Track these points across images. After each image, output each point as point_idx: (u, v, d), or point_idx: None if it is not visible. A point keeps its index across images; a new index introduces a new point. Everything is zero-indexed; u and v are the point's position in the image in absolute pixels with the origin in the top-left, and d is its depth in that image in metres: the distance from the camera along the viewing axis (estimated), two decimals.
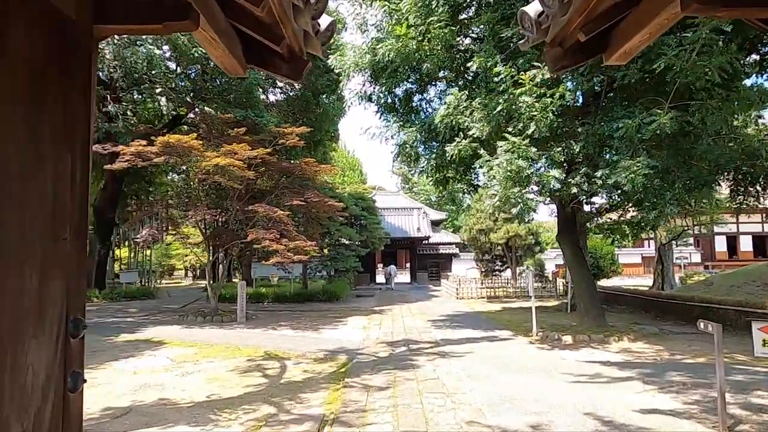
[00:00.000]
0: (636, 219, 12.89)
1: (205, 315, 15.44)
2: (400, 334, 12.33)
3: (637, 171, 7.83)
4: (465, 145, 10.08)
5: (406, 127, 11.64)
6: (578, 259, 11.21)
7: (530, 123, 8.90)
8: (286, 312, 18.05)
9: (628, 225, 13.19)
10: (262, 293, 22.44)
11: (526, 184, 8.86)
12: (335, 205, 16.20)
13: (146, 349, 10.78)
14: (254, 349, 10.47)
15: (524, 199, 8.74)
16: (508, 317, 15.51)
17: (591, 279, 11.13)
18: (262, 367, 8.85)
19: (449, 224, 56.03)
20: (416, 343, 10.84)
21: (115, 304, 21.76)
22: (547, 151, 9.04)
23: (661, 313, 14.34)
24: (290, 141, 15.46)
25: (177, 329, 13.70)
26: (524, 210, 8.75)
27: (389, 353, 9.65)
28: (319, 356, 9.68)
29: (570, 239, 11.34)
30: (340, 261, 24.48)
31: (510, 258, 28.85)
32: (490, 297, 23.17)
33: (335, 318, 16.09)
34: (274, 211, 13.76)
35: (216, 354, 10.11)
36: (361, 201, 27.34)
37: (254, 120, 16.66)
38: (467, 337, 11.45)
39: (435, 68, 11.35)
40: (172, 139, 12.77)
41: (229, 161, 12.99)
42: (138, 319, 16.27)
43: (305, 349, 10.43)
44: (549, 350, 9.53)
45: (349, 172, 60.97)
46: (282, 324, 14.47)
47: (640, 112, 8.32)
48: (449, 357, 9.07)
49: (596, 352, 9.11)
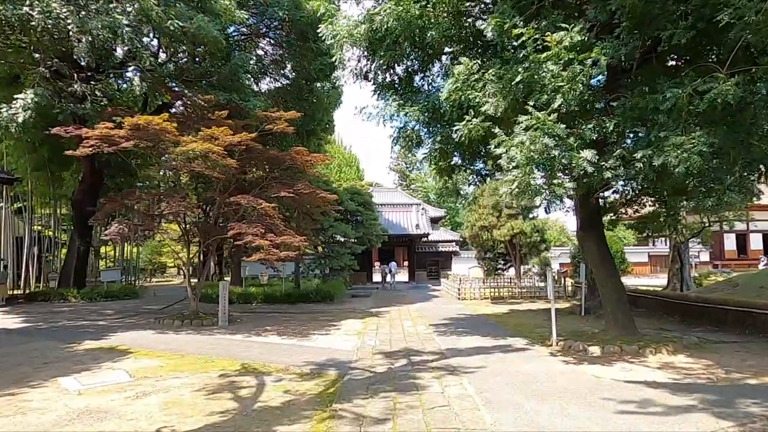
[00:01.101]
0: (677, 208, 11.50)
1: (183, 318, 13.96)
2: (399, 341, 10.89)
3: (692, 149, 6.39)
4: (476, 124, 8.61)
5: (406, 107, 10.16)
6: (605, 257, 9.77)
7: (556, 96, 7.47)
8: (275, 314, 16.60)
9: (666, 217, 11.75)
10: (252, 293, 20.98)
11: (552, 168, 7.40)
12: (328, 197, 14.72)
13: (107, 360, 9.31)
14: (230, 361, 9.00)
15: (550, 186, 7.29)
16: (518, 321, 14.09)
17: (620, 280, 9.73)
18: (235, 385, 7.39)
19: (448, 222, 54.69)
20: (418, 353, 9.39)
21: (92, 305, 20.30)
22: (577, 129, 7.59)
23: (688, 318, 12.94)
24: (278, 126, 13.97)
25: (149, 335, 12.23)
26: (550, 199, 7.32)
27: (387, 368, 8.19)
28: (304, 371, 8.22)
29: (595, 235, 9.90)
30: (334, 259, 23.03)
31: (514, 256, 27.40)
32: (493, 298, 21.75)
33: (328, 321, 14.65)
34: (259, 203, 12.29)
35: (185, 367, 8.65)
36: (357, 196, 25.88)
37: (239, 104, 15.14)
38: (476, 347, 10.01)
39: (440, 38, 9.87)
40: (141, 120, 11.26)
41: (207, 146, 11.50)
42: (111, 322, 14.80)
43: (290, 360, 8.97)
44: (576, 365, 8.09)
45: (346, 169, 59.54)
46: (268, 329, 13.01)
47: (690, 80, 6.89)
48: (459, 373, 7.63)
49: (634, 369, 7.67)
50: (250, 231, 11.86)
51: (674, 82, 7.16)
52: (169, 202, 11.72)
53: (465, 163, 11.80)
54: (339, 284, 24.12)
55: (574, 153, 7.33)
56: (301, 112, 20.44)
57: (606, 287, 9.68)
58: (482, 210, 27.16)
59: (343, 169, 58.47)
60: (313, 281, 24.95)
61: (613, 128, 7.72)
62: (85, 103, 14.12)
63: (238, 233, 11.81)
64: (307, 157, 15.21)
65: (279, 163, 15.16)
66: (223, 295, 13.56)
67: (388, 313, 16.60)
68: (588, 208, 9.97)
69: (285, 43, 20.11)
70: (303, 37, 18.37)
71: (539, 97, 7.73)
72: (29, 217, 24.96)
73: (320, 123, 23.04)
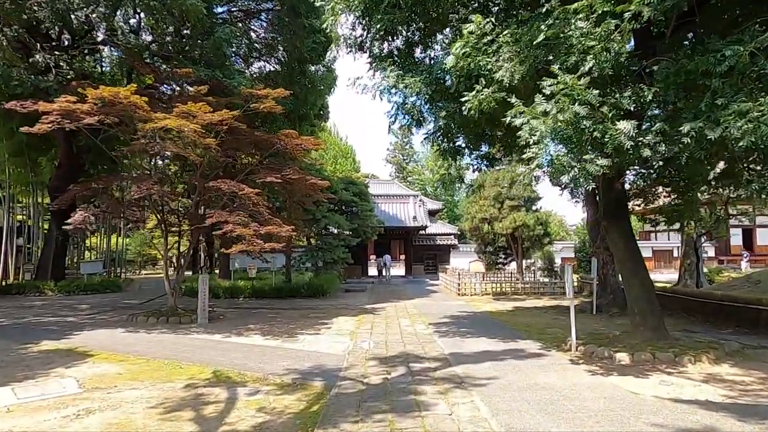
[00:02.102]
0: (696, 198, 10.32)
1: (159, 315, 12.73)
2: (396, 343, 9.69)
3: (761, 118, 5.18)
4: (488, 95, 7.37)
5: (407, 78, 8.89)
6: (632, 250, 8.56)
7: (586, 57, 6.24)
8: (262, 310, 15.38)
9: (685, 207, 10.56)
10: (240, 287, 19.75)
11: (581, 142, 6.18)
12: (319, 184, 13.46)
13: (59, 365, 8.08)
14: (201, 368, 7.79)
15: (580, 163, 6.07)
16: (525, 320, 12.92)
17: (649, 277, 8.54)
18: (201, 400, 6.17)
19: (445, 215, 53.48)
20: (419, 359, 8.19)
21: (69, 299, 19.06)
22: (611, 97, 6.35)
23: (711, 318, 11.80)
24: (265, 105, 12.66)
25: (118, 334, 11.00)
26: (579, 179, 6.10)
27: (383, 378, 6.99)
28: (285, 381, 7.01)
29: (621, 224, 8.69)
30: (327, 252, 21.79)
31: (515, 250, 26.25)
32: (495, 293, 20.59)
33: (319, 318, 13.45)
34: (242, 189, 11.02)
35: (147, 375, 7.43)
36: (352, 186, 24.60)
37: (223, 81, 13.81)
38: (484, 351, 8.82)
39: None
40: (107, 92, 9.94)
41: (182, 123, 10.21)
42: (81, 318, 13.55)
43: (270, 367, 7.76)
44: (603, 376, 6.90)
45: (341, 160, 58.26)
46: (251, 327, 11.79)
47: (753, 36, 5.68)
48: (468, 387, 6.43)
49: (675, 382, 6.49)
50: (231, 219, 10.62)
51: (731, 40, 5.93)
52: (139, 186, 10.44)
53: (470, 146, 10.55)
54: (332, 278, 22.92)
55: (608, 124, 6.10)
56: (293, 95, 19.27)
57: (633, 284, 8.48)
58: (483, 201, 25.97)
59: (338, 161, 57.22)
60: (306, 275, 23.74)
61: (652, 97, 6.49)
62: (48, 75, 12.76)
63: (218, 222, 10.55)
64: (298, 141, 13.93)
65: (267, 146, 13.87)
66: (203, 290, 12.34)
67: (384, 310, 15.41)
68: (612, 194, 8.75)
69: (276, 20, 18.74)
70: (294, 12, 17.02)
71: (565, 60, 6.50)
72: (7, 206, 23.58)
73: (313, 107, 21.70)
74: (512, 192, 25.02)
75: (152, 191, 10.40)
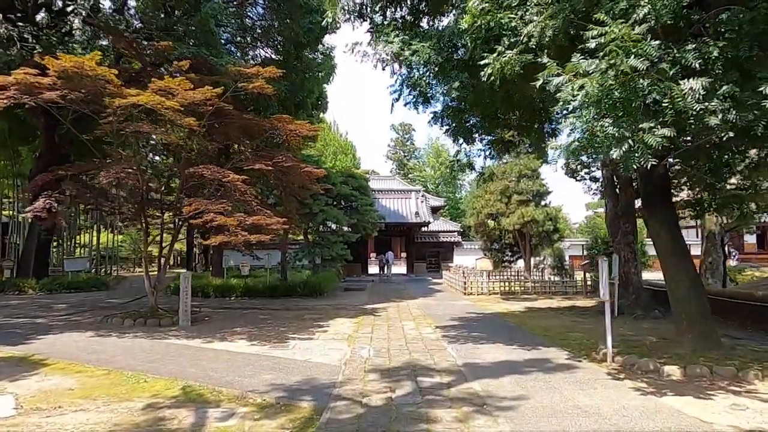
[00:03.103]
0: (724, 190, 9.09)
1: (137, 316, 11.50)
2: (400, 351, 8.46)
3: None
4: (511, 56, 6.13)
5: (414, 44, 7.64)
6: (678, 244, 7.32)
7: (639, 3, 5.01)
8: (254, 311, 14.16)
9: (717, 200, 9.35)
10: (232, 286, 18.51)
11: (634, 107, 4.93)
12: (315, 173, 12.22)
13: (5, 376, 6.88)
14: (169, 382, 6.56)
15: (637, 133, 4.81)
16: (542, 324, 11.68)
17: (697, 276, 7.32)
18: (160, 427, 4.94)
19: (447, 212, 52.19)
20: (428, 372, 6.95)
21: (49, 298, 17.83)
22: (672, 52, 5.10)
23: (752, 322, 10.57)
24: (255, 85, 11.41)
25: (86, 338, 9.77)
26: (634, 154, 4.83)
27: (386, 397, 5.75)
28: (267, 400, 5.77)
29: (664, 213, 7.44)
30: (325, 248, 20.54)
31: (523, 247, 25.00)
32: (503, 293, 19.35)
33: (314, 320, 12.23)
34: (226, 175, 9.79)
35: (103, 391, 6.19)
36: (351, 179, 23.35)
37: (209, 60, 12.55)
38: (504, 362, 7.58)
39: None
40: (69, 62, 8.68)
41: (158, 100, 8.96)
42: (53, 320, 12.33)
43: (252, 381, 6.53)
44: (656, 395, 5.66)
45: (341, 156, 57.04)
46: (238, 331, 10.56)
47: None
48: (491, 411, 5.20)
49: (750, 405, 5.24)
50: (212, 208, 9.37)
51: None
52: (107, 171, 9.20)
53: (485, 125, 9.31)
54: (331, 276, 21.70)
55: (670, 84, 4.85)
56: (290, 81, 18.02)
57: (680, 284, 7.23)
58: (489, 196, 24.73)
59: (338, 157, 56.03)
60: (304, 273, 22.52)
61: (718, 53, 5.24)
62: (11, 49, 11.52)
63: (197, 210, 9.31)
64: (293, 126, 12.68)
65: (258, 132, 12.62)
66: (185, 289, 11.09)
67: (385, 311, 14.18)
68: (654, 178, 7.49)
69: (271, 0, 17.49)
70: None
71: (612, 7, 5.26)
72: None
73: (310, 95, 20.43)
74: (520, 186, 23.78)
75: (122, 176, 9.16)
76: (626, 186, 13.83)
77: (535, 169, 24.30)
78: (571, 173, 16.47)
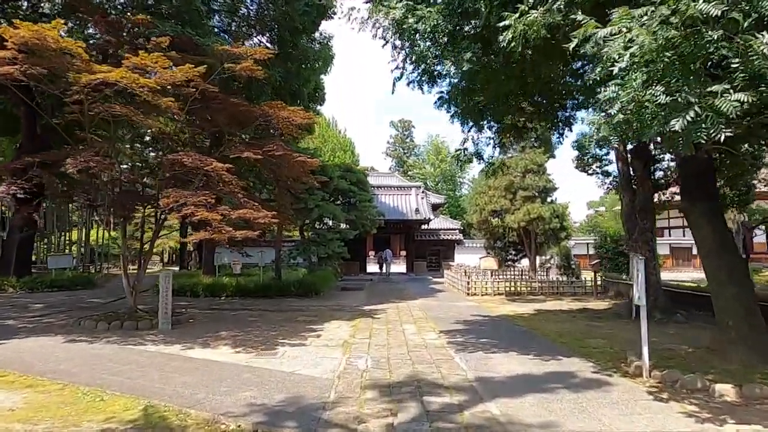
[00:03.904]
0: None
1: (114, 319, 10.50)
2: (401, 361, 7.47)
3: None
4: (536, 17, 5.15)
5: (420, 9, 6.64)
6: (723, 240, 6.34)
7: None
8: (244, 312, 13.16)
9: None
10: (223, 285, 17.51)
11: (696, 67, 3.94)
12: (308, 162, 11.22)
13: None
14: (130, 400, 5.55)
15: (704, 99, 3.82)
16: (555, 328, 10.70)
17: (747, 276, 6.37)
18: None
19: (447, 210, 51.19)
20: (435, 389, 5.96)
21: (29, 297, 16.83)
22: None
23: None
24: (243, 66, 10.41)
25: (52, 344, 8.76)
26: (702, 125, 3.82)
27: (386, 425, 4.76)
28: (243, 427, 4.78)
29: (707, 205, 6.47)
30: (321, 246, 19.55)
31: (528, 245, 24.06)
32: (509, 293, 18.37)
33: (307, 323, 11.25)
34: (208, 163, 8.78)
35: (51, 412, 5.19)
36: (349, 174, 22.31)
37: (194, 39, 11.51)
38: (521, 375, 6.60)
39: None
40: (28, 32, 7.66)
41: (132, 78, 7.95)
42: (23, 321, 11.34)
43: (227, 400, 5.53)
44: (715, 423, 4.68)
45: (340, 153, 56.07)
46: (222, 335, 9.57)
47: None
48: None
49: None
50: (192, 200, 8.36)
51: None
52: (74, 158, 8.19)
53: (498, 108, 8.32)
54: (328, 275, 20.70)
55: (749, 36, 3.85)
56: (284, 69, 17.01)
57: (725, 285, 6.25)
58: (493, 192, 23.84)
59: (336, 153, 55.10)
60: (299, 271, 21.53)
61: None
62: None
63: (175, 202, 8.31)
64: (286, 113, 11.66)
65: (248, 119, 11.62)
66: (165, 289, 10.08)
67: (385, 313, 13.19)
68: (695, 165, 6.50)
69: None
70: None
71: None
72: None
73: (307, 84, 19.41)
74: (526, 181, 22.84)
75: (90, 164, 8.16)
76: (644, 180, 12.88)
77: (541, 163, 23.36)
78: (583, 167, 15.46)
